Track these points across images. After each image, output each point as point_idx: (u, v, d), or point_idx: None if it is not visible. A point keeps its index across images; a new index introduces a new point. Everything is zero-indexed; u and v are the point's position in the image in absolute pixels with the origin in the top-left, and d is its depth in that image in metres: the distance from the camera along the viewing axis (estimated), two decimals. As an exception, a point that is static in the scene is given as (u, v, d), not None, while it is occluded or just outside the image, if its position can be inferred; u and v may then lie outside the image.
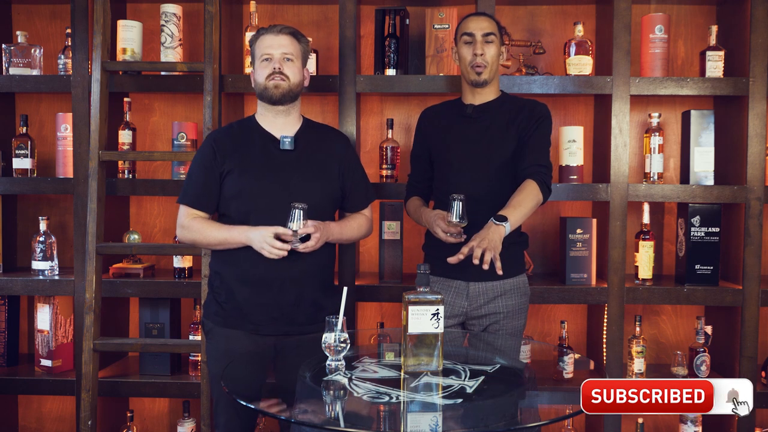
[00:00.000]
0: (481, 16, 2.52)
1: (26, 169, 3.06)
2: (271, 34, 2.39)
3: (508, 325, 2.51)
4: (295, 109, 2.46)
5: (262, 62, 2.39)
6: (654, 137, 3.03)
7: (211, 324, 2.41)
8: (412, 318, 1.96)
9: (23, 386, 3.03)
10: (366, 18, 3.23)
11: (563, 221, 3.09)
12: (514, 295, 2.51)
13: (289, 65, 2.38)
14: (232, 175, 2.36)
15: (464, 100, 2.57)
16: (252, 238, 2.28)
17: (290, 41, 2.40)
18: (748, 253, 2.94)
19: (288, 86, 2.38)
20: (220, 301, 2.39)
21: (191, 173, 2.42)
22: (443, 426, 1.73)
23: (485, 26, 2.47)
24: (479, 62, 2.45)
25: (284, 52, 2.38)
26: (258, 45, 2.41)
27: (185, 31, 3.20)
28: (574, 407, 1.77)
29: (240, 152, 2.38)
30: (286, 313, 2.36)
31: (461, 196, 2.29)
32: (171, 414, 3.36)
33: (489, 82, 2.49)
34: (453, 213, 2.29)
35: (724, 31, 3.11)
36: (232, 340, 2.36)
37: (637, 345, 3.00)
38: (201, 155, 2.41)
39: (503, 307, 2.49)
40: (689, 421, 3.02)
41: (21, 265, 3.28)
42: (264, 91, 2.39)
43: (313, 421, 1.77)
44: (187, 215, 2.40)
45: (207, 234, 2.36)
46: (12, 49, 3.06)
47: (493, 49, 2.47)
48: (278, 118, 2.43)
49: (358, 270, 3.25)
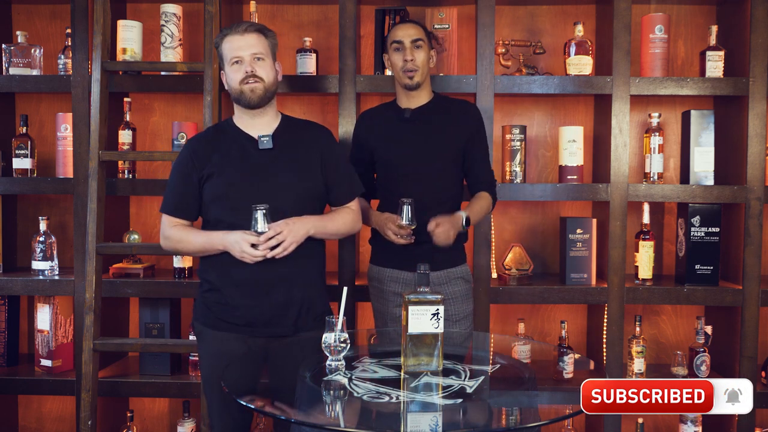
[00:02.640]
0: (408, 24, 2.63)
1: (26, 169, 3.06)
2: (237, 35, 2.32)
3: (458, 310, 2.63)
4: (271, 108, 2.39)
5: (232, 65, 2.32)
6: (654, 137, 3.03)
7: (201, 326, 2.38)
8: (412, 318, 1.96)
9: (23, 386, 3.03)
10: (366, 18, 3.23)
11: (563, 221, 3.09)
12: (458, 282, 2.64)
13: (260, 65, 2.31)
14: (212, 179, 2.30)
15: (400, 104, 2.67)
16: (228, 244, 2.24)
17: (257, 39, 2.32)
18: (748, 253, 2.94)
19: (264, 87, 2.32)
20: (209, 304, 2.35)
21: (170, 182, 2.38)
22: (443, 426, 1.73)
23: (413, 33, 2.58)
24: (410, 67, 2.57)
25: (254, 53, 2.31)
26: (225, 47, 2.34)
27: (185, 31, 3.20)
28: (574, 407, 1.77)
29: (217, 156, 2.33)
30: (276, 314, 2.32)
31: (410, 200, 2.42)
32: (171, 414, 3.36)
33: (421, 84, 2.60)
34: (403, 216, 2.41)
35: (724, 31, 3.11)
36: (224, 343, 2.33)
37: (637, 345, 3.00)
38: (178, 163, 2.37)
39: (450, 293, 2.61)
40: (689, 421, 3.02)
41: (21, 265, 3.28)
42: (241, 96, 2.32)
43: (313, 421, 1.77)
44: (168, 224, 2.36)
45: (187, 242, 2.33)
46: (12, 49, 3.06)
47: (422, 53, 2.58)
48: (256, 120, 2.37)
49: (358, 270, 3.25)
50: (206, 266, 2.38)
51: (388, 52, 2.64)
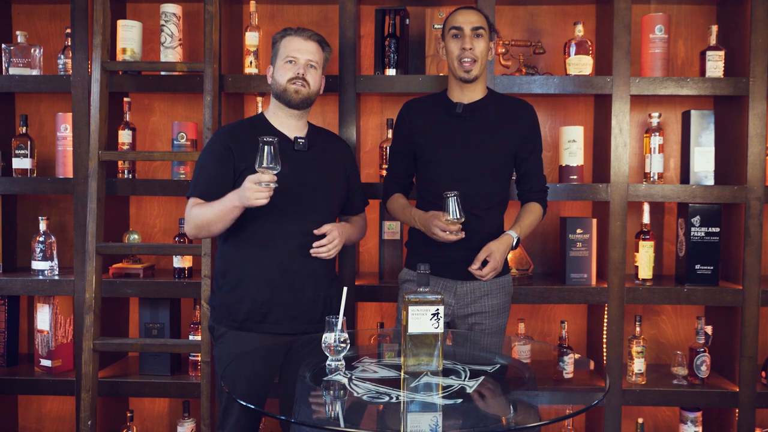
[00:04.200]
0: (469, 10, 2.45)
1: (26, 169, 3.06)
2: (301, 38, 2.39)
3: (492, 324, 2.51)
4: (307, 114, 2.47)
5: (285, 63, 2.38)
6: (654, 137, 3.02)
7: (224, 329, 2.38)
8: (412, 318, 1.96)
9: (23, 386, 3.03)
10: (366, 18, 3.23)
11: (563, 221, 3.09)
12: (499, 294, 2.51)
13: (312, 72, 2.39)
14: (248, 172, 2.28)
15: (451, 97, 2.51)
16: (240, 193, 2.19)
17: (317, 49, 2.41)
18: (748, 253, 2.94)
19: (308, 93, 2.39)
20: (233, 304, 2.35)
21: (203, 166, 2.36)
22: (443, 426, 1.73)
23: (474, 20, 2.41)
24: (468, 56, 2.39)
25: (309, 59, 2.39)
26: (284, 44, 2.40)
27: (185, 31, 3.20)
28: (574, 407, 1.77)
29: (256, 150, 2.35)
30: (304, 310, 2.37)
31: (455, 193, 2.28)
32: (171, 414, 3.36)
33: (478, 77, 2.44)
34: (450, 211, 2.29)
35: (724, 31, 3.11)
36: (246, 343, 2.34)
37: (637, 345, 3.00)
38: (212, 149, 2.36)
39: (488, 306, 2.49)
40: (689, 421, 3.02)
41: (21, 265, 3.28)
42: (283, 93, 2.38)
43: (313, 421, 1.77)
44: (191, 205, 2.34)
45: (203, 213, 2.28)
46: (12, 49, 3.06)
47: (482, 43, 2.41)
48: (291, 120, 2.43)
49: (358, 270, 3.25)
50: (228, 265, 2.38)
51: (444, 39, 2.47)
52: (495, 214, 2.49)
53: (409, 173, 2.60)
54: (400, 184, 2.63)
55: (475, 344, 2.49)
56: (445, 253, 2.42)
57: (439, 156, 2.47)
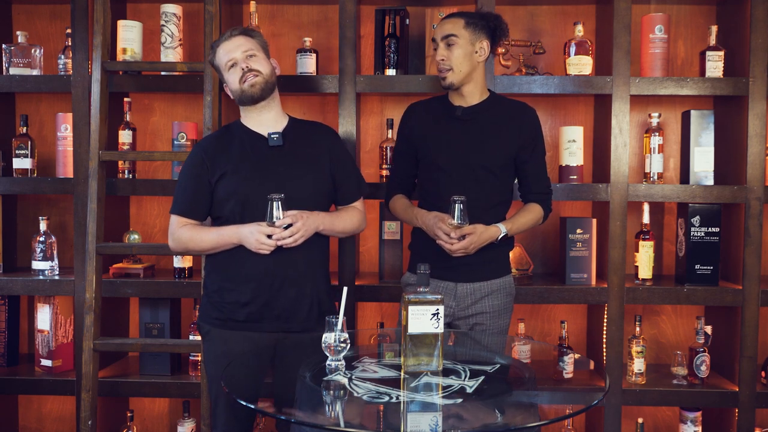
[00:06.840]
0: (448, 19, 2.47)
1: (26, 169, 3.06)
2: (225, 41, 2.39)
3: (494, 325, 2.51)
4: (275, 103, 2.43)
5: (229, 70, 2.38)
6: (654, 137, 3.03)
7: (209, 326, 2.39)
8: (412, 318, 1.96)
9: (23, 386, 3.03)
10: (366, 18, 3.23)
11: (563, 221, 3.09)
12: (500, 294, 2.52)
13: (254, 60, 2.37)
14: (225, 177, 2.34)
15: (452, 101, 2.53)
16: (243, 236, 2.28)
17: (244, 40, 2.39)
18: (748, 253, 2.94)
19: (263, 79, 2.36)
20: (217, 304, 2.37)
21: (180, 183, 2.40)
22: (443, 426, 1.73)
23: (447, 28, 2.42)
24: (440, 67, 2.44)
25: (244, 51, 2.37)
26: (218, 56, 2.40)
27: (185, 31, 3.20)
28: (574, 407, 1.77)
29: (229, 155, 2.37)
30: (286, 309, 2.35)
31: (462, 198, 2.30)
32: (171, 414, 3.36)
33: (456, 84, 2.45)
34: (455, 215, 2.31)
35: (724, 31, 3.11)
36: (231, 342, 2.35)
37: (637, 345, 3.00)
38: (189, 164, 2.39)
39: (489, 307, 2.50)
40: (689, 421, 3.03)
41: (21, 265, 3.28)
42: (242, 95, 2.37)
43: (313, 421, 1.77)
44: (178, 225, 2.38)
45: (198, 240, 2.35)
46: (12, 49, 3.06)
47: (456, 50, 2.41)
48: (262, 115, 2.42)
49: (358, 270, 3.25)
50: (214, 265, 2.40)
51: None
52: (494, 215, 2.49)
53: (412, 175, 2.61)
54: (402, 185, 2.64)
55: (476, 344, 2.49)
56: (446, 255, 2.42)
57: (439, 158, 2.48)
